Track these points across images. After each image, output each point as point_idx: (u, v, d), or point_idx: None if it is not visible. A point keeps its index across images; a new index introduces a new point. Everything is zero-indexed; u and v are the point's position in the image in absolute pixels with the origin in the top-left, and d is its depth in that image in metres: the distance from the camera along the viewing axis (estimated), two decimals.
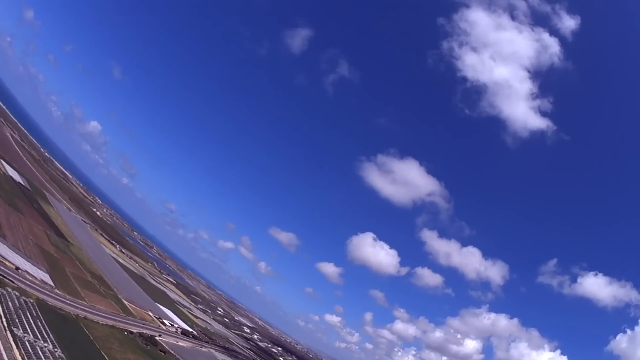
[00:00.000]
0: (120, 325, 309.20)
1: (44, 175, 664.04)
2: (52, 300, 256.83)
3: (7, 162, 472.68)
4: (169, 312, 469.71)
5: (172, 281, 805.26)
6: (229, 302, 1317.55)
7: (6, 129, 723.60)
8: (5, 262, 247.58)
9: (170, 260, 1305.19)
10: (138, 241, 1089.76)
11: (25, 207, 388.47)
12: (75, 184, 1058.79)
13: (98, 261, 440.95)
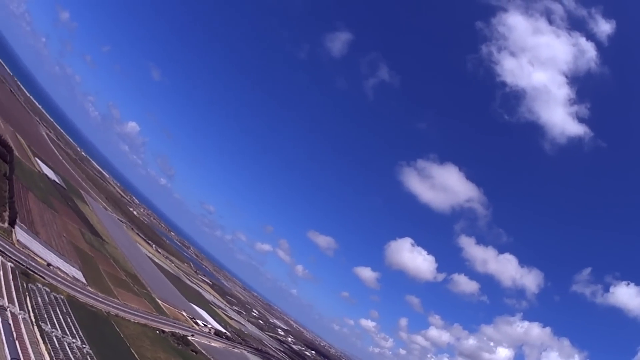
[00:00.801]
0: (153, 324, 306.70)
1: (80, 174, 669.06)
2: (84, 297, 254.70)
3: (43, 160, 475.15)
4: (203, 313, 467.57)
5: (208, 282, 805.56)
6: (265, 304, 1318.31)
7: (42, 128, 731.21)
8: (37, 259, 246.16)
9: (207, 261, 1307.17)
10: (175, 241, 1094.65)
11: (60, 205, 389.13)
12: (113, 183, 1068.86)
13: (133, 260, 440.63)
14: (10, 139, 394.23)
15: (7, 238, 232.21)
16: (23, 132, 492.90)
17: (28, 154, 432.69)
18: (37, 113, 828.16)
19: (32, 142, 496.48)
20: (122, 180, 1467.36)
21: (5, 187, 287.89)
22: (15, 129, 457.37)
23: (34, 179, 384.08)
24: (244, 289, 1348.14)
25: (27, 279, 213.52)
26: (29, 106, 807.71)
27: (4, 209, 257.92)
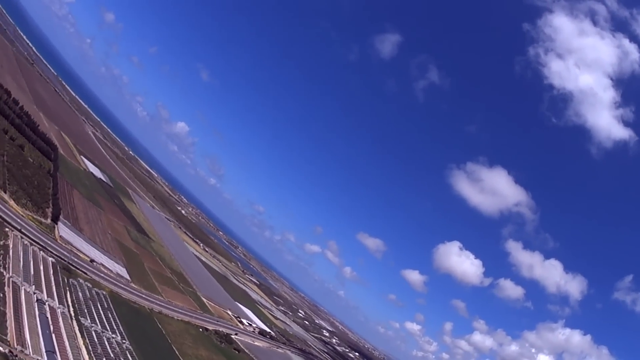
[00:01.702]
0: (196, 322, 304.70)
1: (127, 173, 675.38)
2: (126, 294, 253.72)
3: (89, 158, 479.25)
4: (248, 312, 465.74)
5: (255, 282, 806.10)
6: (311, 305, 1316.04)
7: (88, 127, 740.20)
8: (80, 255, 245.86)
9: (255, 261, 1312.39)
10: (223, 241, 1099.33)
11: (106, 203, 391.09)
12: (161, 182, 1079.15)
13: (179, 258, 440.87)
14: (55, 137, 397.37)
15: (49, 234, 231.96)
16: (68, 131, 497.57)
17: (73, 152, 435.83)
18: (83, 112, 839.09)
19: (77, 141, 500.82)
20: (171, 180, 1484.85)
21: (49, 184, 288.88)
22: (60, 127, 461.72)
23: (79, 176, 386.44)
24: (291, 290, 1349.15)
25: (68, 275, 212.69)
26: (74, 106, 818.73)
27: (47, 206, 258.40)
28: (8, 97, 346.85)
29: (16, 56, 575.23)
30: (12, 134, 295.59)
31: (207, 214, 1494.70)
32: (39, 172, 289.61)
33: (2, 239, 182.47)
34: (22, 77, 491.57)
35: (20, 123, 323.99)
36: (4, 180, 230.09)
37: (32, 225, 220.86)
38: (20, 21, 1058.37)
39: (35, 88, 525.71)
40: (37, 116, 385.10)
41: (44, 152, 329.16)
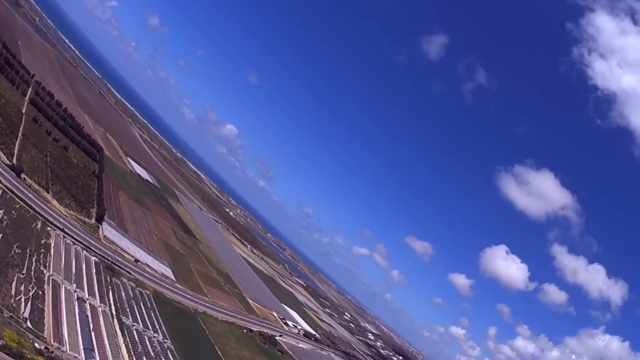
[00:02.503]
0: (240, 323, 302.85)
1: (175, 175, 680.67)
2: (171, 294, 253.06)
3: (135, 160, 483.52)
4: (294, 314, 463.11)
5: (302, 284, 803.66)
6: (357, 308, 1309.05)
7: (134, 129, 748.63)
8: (124, 254, 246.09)
9: (303, 264, 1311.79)
10: (271, 243, 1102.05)
11: (152, 204, 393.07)
12: (209, 184, 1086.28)
13: (226, 259, 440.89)
14: (100, 139, 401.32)
15: (93, 234, 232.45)
16: (114, 132, 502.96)
17: (119, 154, 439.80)
18: (129, 115, 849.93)
19: (124, 143, 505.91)
20: (219, 182, 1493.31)
21: (93, 185, 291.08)
22: (105, 129, 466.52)
23: (125, 178, 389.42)
24: (338, 292, 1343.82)
25: (111, 274, 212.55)
26: (120, 108, 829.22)
27: (91, 206, 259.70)
28: (51, 99, 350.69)
29: (58, 59, 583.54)
30: (56, 135, 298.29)
31: (256, 215, 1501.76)
32: (83, 173, 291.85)
33: (43, 237, 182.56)
34: (65, 80, 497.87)
35: (64, 125, 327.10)
36: (47, 181, 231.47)
37: (76, 225, 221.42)
38: (61, 25, 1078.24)
39: (79, 90, 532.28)
40: (81, 118, 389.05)
41: (89, 154, 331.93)
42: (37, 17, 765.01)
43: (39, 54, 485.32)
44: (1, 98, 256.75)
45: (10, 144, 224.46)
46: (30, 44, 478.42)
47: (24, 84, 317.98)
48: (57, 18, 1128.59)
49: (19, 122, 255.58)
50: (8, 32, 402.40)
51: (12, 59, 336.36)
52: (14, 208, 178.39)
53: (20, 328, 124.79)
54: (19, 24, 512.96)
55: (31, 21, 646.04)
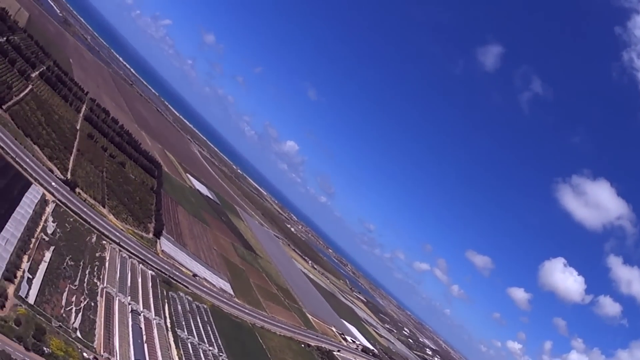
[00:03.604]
0: (298, 338, 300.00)
1: (235, 191, 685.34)
2: (228, 308, 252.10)
3: (195, 176, 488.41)
4: (353, 329, 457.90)
5: (362, 299, 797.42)
6: (417, 323, 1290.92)
7: (194, 145, 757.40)
8: (182, 269, 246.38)
9: (364, 279, 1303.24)
10: (332, 258, 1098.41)
11: (212, 219, 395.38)
12: (270, 200, 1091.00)
13: (286, 275, 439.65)
14: (159, 155, 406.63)
15: (150, 248, 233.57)
16: (173, 149, 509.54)
17: (179, 170, 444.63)
18: (188, 132, 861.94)
19: (183, 159, 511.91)
20: (281, 198, 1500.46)
21: (152, 201, 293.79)
22: (164, 146, 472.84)
23: (184, 193, 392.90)
24: (398, 308, 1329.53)
25: (168, 288, 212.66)
26: (178, 125, 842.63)
27: (149, 221, 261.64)
28: (106, 116, 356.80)
29: (113, 77, 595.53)
30: (112, 151, 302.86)
31: (317, 231, 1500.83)
32: (141, 189, 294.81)
33: (98, 251, 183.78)
34: (121, 97, 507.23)
35: (121, 141, 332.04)
36: (103, 196, 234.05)
37: (132, 239, 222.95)
38: (114, 43, 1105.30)
39: (136, 107, 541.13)
40: (139, 135, 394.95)
41: (147, 170, 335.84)
42: (88, 35, 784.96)
43: (93, 72, 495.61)
44: (54, 114, 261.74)
45: (65, 159, 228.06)
46: (82, 62, 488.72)
47: (77, 101, 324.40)
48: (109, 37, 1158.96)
49: (73, 138, 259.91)
50: (59, 50, 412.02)
51: (65, 77, 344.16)
52: (67, 221, 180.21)
53: (69, 338, 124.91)
54: (70, 42, 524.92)
55: (82, 40, 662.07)
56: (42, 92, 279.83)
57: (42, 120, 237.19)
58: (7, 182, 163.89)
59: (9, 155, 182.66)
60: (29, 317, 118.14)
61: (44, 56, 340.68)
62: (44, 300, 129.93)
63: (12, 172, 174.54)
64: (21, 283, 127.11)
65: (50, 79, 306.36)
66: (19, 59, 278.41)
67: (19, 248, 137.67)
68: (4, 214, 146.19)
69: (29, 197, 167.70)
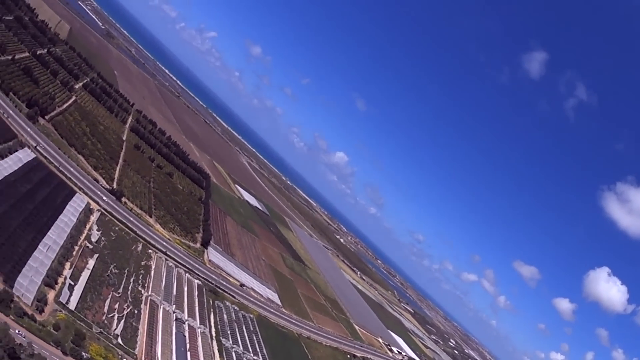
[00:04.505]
0: (344, 348, 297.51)
1: (285, 202, 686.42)
2: (275, 318, 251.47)
3: (244, 187, 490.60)
4: (399, 340, 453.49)
5: (410, 310, 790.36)
6: (463, 335, 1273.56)
7: (243, 157, 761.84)
8: (229, 279, 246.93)
9: (412, 290, 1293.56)
10: (381, 269, 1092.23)
11: (261, 230, 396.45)
12: (319, 211, 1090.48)
13: (335, 286, 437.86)
14: (207, 166, 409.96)
15: (197, 257, 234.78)
16: (221, 160, 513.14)
17: (227, 181, 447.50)
18: (236, 143, 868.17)
19: (231, 170, 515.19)
20: (330, 209, 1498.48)
21: (199, 211, 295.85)
22: (212, 157, 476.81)
23: (233, 204, 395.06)
24: (445, 319, 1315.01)
25: (214, 297, 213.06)
26: (227, 136, 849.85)
27: (197, 231, 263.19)
28: (153, 127, 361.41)
29: (159, 89, 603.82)
30: (160, 162, 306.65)
31: (366, 242, 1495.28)
32: (189, 199, 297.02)
33: (144, 259, 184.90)
34: (168, 109, 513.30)
35: (168, 152, 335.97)
36: (150, 205, 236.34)
37: (179, 249, 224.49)
38: (159, 56, 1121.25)
39: (184, 119, 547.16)
40: (187, 146, 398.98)
41: (195, 180, 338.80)
42: (132, 48, 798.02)
43: (138, 84, 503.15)
44: (99, 125, 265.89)
45: (110, 169, 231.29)
46: (127, 74, 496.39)
47: (123, 112, 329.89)
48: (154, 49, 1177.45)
49: (119, 148, 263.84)
50: (102, 62, 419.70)
51: (109, 88, 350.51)
52: (113, 230, 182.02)
53: (110, 344, 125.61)
54: (114, 55, 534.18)
55: (127, 52, 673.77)
56: (87, 103, 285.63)
57: (86, 131, 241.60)
58: (50, 190, 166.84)
59: (53, 164, 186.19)
60: (68, 322, 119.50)
61: (88, 68, 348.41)
62: (85, 307, 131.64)
63: (56, 181, 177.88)
64: (62, 289, 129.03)
65: (94, 91, 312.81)
66: (61, 71, 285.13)
67: (61, 255, 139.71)
68: (47, 222, 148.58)
69: (72, 206, 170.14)
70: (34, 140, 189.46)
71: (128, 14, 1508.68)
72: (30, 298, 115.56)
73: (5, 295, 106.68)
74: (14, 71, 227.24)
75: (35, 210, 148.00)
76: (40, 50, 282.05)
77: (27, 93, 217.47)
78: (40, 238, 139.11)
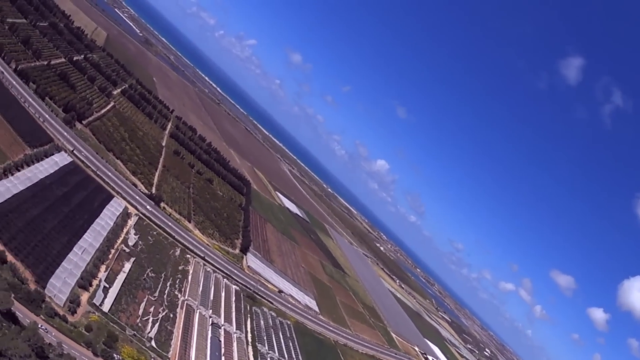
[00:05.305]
0: (380, 356, 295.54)
1: (325, 209, 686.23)
2: (312, 325, 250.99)
3: (285, 194, 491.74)
4: (435, 349, 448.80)
5: (447, 319, 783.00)
6: (499, 344, 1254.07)
7: (283, 164, 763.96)
8: (268, 285, 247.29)
9: (450, 299, 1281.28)
10: (420, 278, 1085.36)
11: (301, 237, 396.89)
12: (360, 219, 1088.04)
13: (373, 293, 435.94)
14: (248, 173, 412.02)
15: (236, 263, 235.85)
16: (262, 167, 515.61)
17: (268, 188, 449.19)
18: (277, 150, 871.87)
19: (272, 177, 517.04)
20: (371, 217, 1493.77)
21: (239, 217, 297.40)
22: (253, 164, 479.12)
23: (273, 211, 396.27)
24: (481, 328, 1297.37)
25: (252, 302, 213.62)
26: (268, 144, 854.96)
27: (236, 237, 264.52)
28: (193, 133, 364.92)
29: (199, 95, 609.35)
30: (199, 168, 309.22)
31: (406, 250, 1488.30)
32: (229, 205, 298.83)
33: (182, 264, 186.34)
34: (208, 116, 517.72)
35: (208, 158, 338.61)
36: (189, 211, 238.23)
37: (218, 254, 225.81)
38: (199, 63, 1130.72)
39: (224, 126, 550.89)
40: (227, 153, 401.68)
41: (235, 187, 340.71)
42: (171, 55, 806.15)
43: (178, 91, 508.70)
44: (138, 131, 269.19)
45: (149, 174, 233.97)
46: (167, 80, 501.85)
47: (162, 118, 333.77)
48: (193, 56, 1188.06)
49: (158, 154, 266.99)
50: (141, 68, 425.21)
51: (149, 95, 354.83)
52: (150, 234, 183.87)
53: (143, 346, 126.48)
54: (152, 61, 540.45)
55: (165, 59, 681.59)
56: (125, 109, 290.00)
57: (125, 136, 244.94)
58: (87, 194, 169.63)
59: (90, 168, 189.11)
60: (101, 324, 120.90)
61: (126, 74, 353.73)
62: (119, 309, 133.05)
63: (93, 185, 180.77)
64: (96, 291, 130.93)
65: (133, 97, 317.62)
66: (98, 77, 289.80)
67: (96, 258, 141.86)
68: (83, 225, 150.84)
69: (110, 210, 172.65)
70: (71, 144, 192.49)
71: (166, 22, 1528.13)
72: (63, 299, 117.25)
73: (37, 295, 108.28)
74: (50, 76, 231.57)
75: (71, 213, 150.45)
76: (77, 57, 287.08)
77: (63, 98, 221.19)
78: (76, 241, 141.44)
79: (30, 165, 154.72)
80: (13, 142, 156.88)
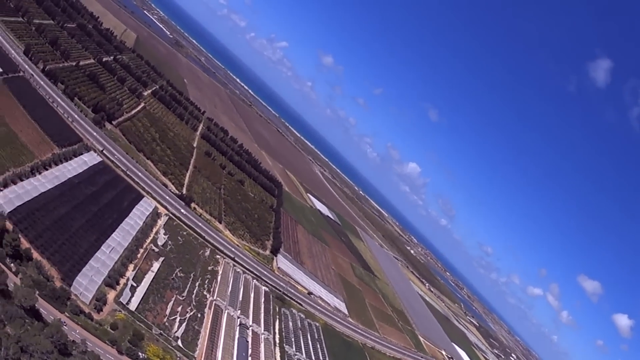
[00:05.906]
0: (407, 359, 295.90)
1: (356, 212, 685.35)
2: (341, 327, 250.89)
3: (316, 196, 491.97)
4: (462, 353, 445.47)
5: (475, 324, 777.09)
6: (524, 350, 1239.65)
7: (315, 166, 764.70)
8: (297, 286, 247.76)
9: (478, 303, 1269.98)
10: (449, 282, 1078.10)
11: (332, 239, 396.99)
12: (391, 222, 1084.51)
13: (403, 297, 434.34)
14: (279, 175, 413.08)
15: (266, 265, 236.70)
16: (294, 169, 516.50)
17: (300, 190, 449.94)
18: (309, 152, 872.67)
19: (304, 179, 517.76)
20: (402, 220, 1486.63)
21: (270, 219, 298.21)
22: (285, 166, 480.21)
23: (304, 213, 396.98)
24: (508, 333, 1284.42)
25: (281, 304, 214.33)
26: (299, 146, 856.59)
27: (267, 238, 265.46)
28: (225, 135, 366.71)
29: (230, 97, 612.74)
30: (231, 169, 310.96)
31: (436, 254, 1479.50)
32: (260, 207, 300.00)
33: (211, 264, 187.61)
34: (240, 117, 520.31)
35: (240, 160, 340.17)
36: (220, 212, 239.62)
37: (248, 255, 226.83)
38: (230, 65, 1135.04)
39: (256, 128, 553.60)
40: (259, 154, 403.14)
41: (267, 188, 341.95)
42: (202, 57, 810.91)
43: (209, 92, 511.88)
44: (169, 132, 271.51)
45: (180, 175, 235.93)
46: (198, 82, 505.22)
47: (193, 120, 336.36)
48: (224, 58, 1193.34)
49: (189, 155, 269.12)
50: (171, 70, 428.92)
51: (179, 96, 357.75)
52: (180, 235, 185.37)
53: (169, 346, 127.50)
54: (183, 63, 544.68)
55: (196, 60, 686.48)
56: (156, 110, 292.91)
57: (156, 137, 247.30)
58: (116, 193, 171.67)
59: (120, 168, 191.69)
60: (127, 322, 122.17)
61: (156, 75, 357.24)
62: (146, 308, 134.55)
63: (123, 184, 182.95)
64: (123, 290, 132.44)
65: (164, 98, 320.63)
66: (128, 78, 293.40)
67: (124, 257, 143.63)
68: (111, 224, 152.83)
69: (139, 209, 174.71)
70: (100, 144, 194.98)
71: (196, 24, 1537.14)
72: (89, 297, 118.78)
73: (62, 293, 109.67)
74: (79, 77, 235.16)
75: (100, 213, 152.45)
76: (106, 58, 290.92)
77: (93, 99, 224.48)
78: (104, 239, 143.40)
79: (58, 164, 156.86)
80: (41, 142, 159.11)
